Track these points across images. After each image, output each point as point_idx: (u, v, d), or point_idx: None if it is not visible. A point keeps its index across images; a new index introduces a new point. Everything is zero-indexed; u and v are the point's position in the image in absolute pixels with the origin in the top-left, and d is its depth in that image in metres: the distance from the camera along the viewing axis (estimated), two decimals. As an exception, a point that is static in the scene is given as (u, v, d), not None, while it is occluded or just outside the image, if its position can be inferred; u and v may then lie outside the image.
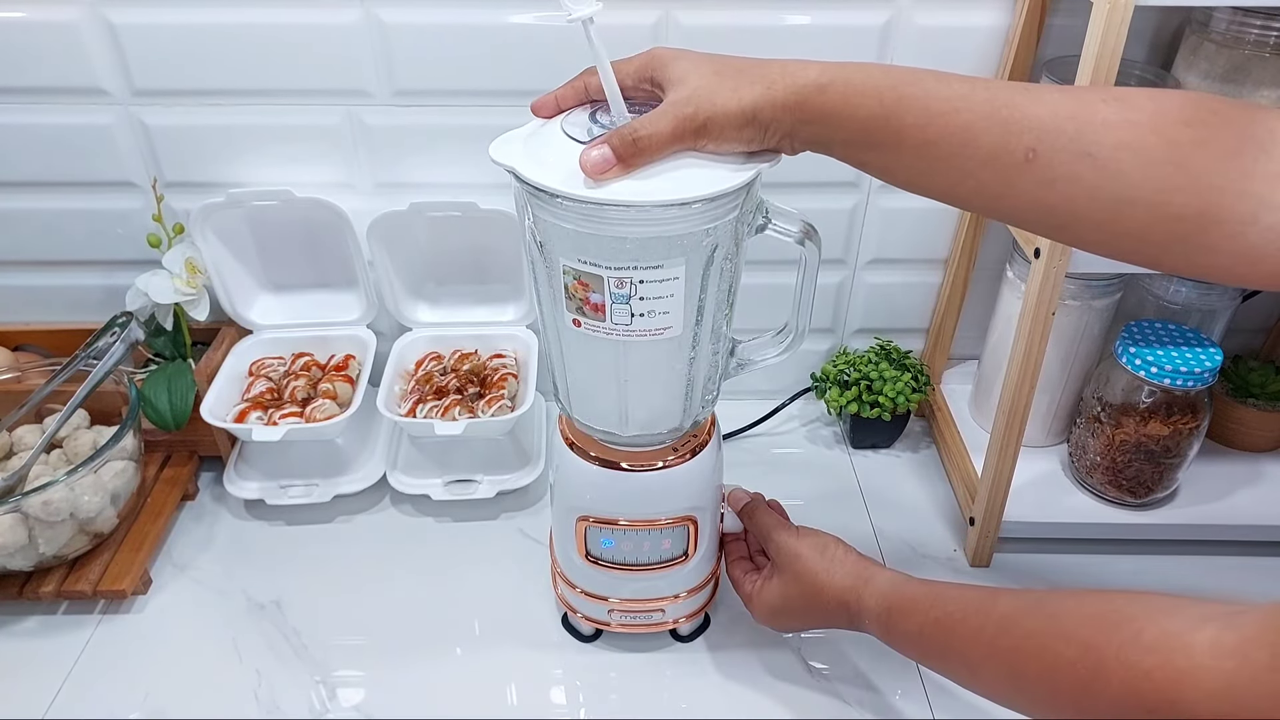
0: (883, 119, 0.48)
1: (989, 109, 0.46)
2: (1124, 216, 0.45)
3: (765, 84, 0.49)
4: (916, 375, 0.90)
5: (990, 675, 0.50)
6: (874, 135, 0.49)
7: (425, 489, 0.84)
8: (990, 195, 0.49)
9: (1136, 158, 0.44)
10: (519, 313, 0.91)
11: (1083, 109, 0.45)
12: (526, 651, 0.73)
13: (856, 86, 0.48)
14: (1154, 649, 0.40)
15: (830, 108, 0.49)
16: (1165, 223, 0.44)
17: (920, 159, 0.49)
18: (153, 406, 0.80)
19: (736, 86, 0.49)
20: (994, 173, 0.47)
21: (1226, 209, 0.43)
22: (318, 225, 0.83)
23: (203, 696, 0.69)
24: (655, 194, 0.50)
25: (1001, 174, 0.47)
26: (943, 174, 0.49)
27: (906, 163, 0.50)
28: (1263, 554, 0.82)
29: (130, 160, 0.83)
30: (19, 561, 0.73)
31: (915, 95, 0.48)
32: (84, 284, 0.90)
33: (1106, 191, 0.45)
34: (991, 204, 0.49)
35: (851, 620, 0.62)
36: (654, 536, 0.66)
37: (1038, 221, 0.49)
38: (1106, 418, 0.79)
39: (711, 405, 0.66)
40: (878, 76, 0.49)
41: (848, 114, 0.49)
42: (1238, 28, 0.67)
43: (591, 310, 0.55)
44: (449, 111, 0.81)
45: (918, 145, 0.48)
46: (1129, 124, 0.44)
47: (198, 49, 0.77)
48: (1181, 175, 0.43)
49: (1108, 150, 0.44)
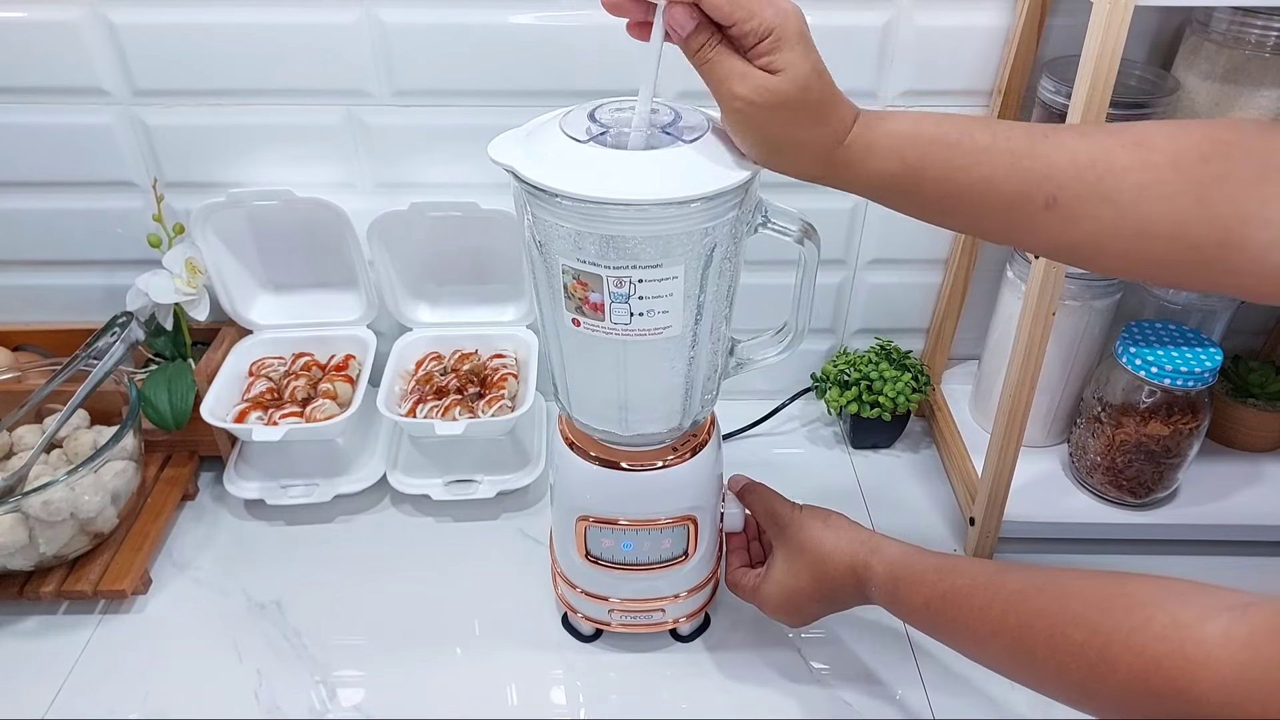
0: (905, 175, 0.50)
1: (1009, 160, 0.47)
2: (1146, 249, 0.46)
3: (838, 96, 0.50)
4: (916, 375, 0.90)
5: (996, 652, 0.50)
6: (896, 187, 0.51)
7: (425, 489, 0.84)
8: (1012, 236, 0.51)
9: (1156, 197, 0.45)
10: (519, 313, 0.91)
11: (1102, 155, 0.46)
12: (526, 651, 0.73)
13: (880, 147, 0.50)
14: (1164, 637, 0.40)
15: (855, 162, 0.50)
16: (1187, 252, 0.45)
17: (942, 209, 0.51)
18: (153, 406, 0.80)
19: None
20: (1015, 217, 0.48)
21: (1249, 237, 0.44)
22: (318, 225, 0.83)
23: (203, 696, 0.69)
24: (654, 193, 0.50)
25: (1023, 219, 0.48)
26: (965, 217, 0.51)
27: (929, 210, 0.52)
28: (1263, 554, 0.82)
29: (130, 160, 0.83)
30: (19, 561, 0.73)
31: (938, 152, 0.49)
32: (84, 284, 0.90)
33: (1128, 228, 0.46)
34: (1014, 241, 0.52)
35: (860, 587, 0.61)
36: (654, 536, 0.66)
37: (1061, 256, 0.51)
38: (1107, 418, 0.79)
39: (711, 405, 0.66)
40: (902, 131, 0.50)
41: (874, 169, 0.50)
42: (1238, 28, 0.67)
43: (591, 310, 0.55)
44: (449, 111, 0.81)
45: (939, 198, 0.50)
46: (1148, 166, 0.45)
47: (198, 49, 0.77)
48: (1201, 209, 0.44)
49: (1128, 194, 0.45)
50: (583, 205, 0.50)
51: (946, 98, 0.81)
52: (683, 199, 0.50)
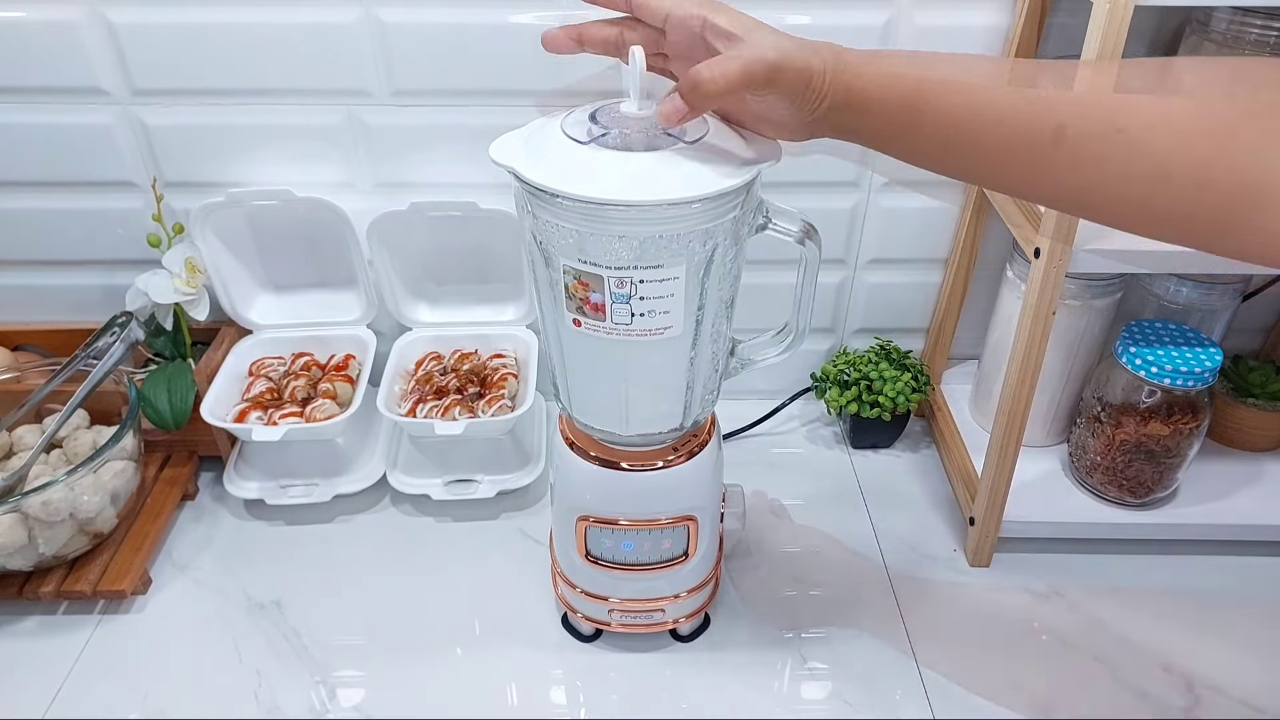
0: (910, 101, 0.48)
1: (1016, 87, 0.45)
2: (1161, 195, 0.42)
3: (819, 55, 0.49)
4: (916, 375, 0.90)
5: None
6: (900, 119, 0.48)
7: (425, 489, 0.84)
8: (1020, 179, 0.47)
9: (1171, 133, 0.41)
10: (519, 313, 0.91)
11: (1117, 85, 0.43)
12: (526, 651, 0.73)
13: (885, 76, 0.48)
14: None
15: (865, 94, 0.49)
16: (1208, 202, 0.41)
17: (946, 142, 0.48)
18: (153, 406, 0.80)
19: (800, 46, 0.49)
20: (1022, 155, 0.45)
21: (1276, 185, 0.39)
22: (318, 225, 0.83)
23: (203, 696, 0.69)
24: (655, 193, 0.50)
25: (1030, 156, 0.45)
26: (970, 155, 0.48)
27: (932, 146, 0.49)
28: (1263, 554, 0.82)
29: (130, 160, 0.83)
30: (19, 561, 0.73)
31: (940, 77, 0.47)
32: (84, 284, 0.90)
33: (1141, 170, 0.42)
34: (1022, 188, 0.48)
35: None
36: (654, 536, 0.66)
37: (1072, 204, 0.47)
38: (1106, 418, 0.79)
39: (712, 405, 0.66)
40: (903, 62, 0.48)
41: (879, 101, 0.48)
42: (1238, 28, 0.67)
43: (592, 310, 0.55)
44: (449, 111, 0.81)
45: (944, 126, 0.47)
46: (1166, 98, 0.42)
47: (198, 49, 0.77)
48: (1223, 151, 0.40)
49: (1141, 129, 0.41)
50: (584, 206, 0.50)
51: (946, 98, 0.81)
52: (684, 199, 0.50)
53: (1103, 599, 0.78)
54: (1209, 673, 0.71)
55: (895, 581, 0.79)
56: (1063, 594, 0.78)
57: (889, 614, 0.76)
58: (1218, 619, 0.76)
